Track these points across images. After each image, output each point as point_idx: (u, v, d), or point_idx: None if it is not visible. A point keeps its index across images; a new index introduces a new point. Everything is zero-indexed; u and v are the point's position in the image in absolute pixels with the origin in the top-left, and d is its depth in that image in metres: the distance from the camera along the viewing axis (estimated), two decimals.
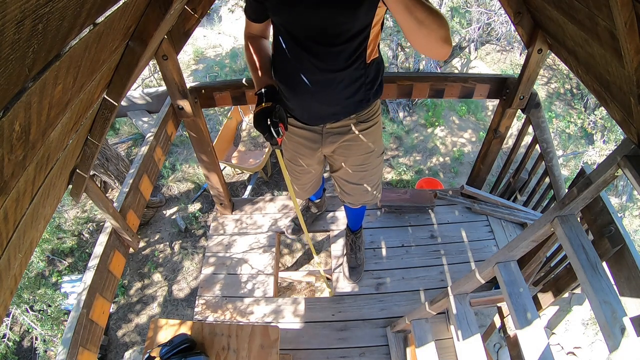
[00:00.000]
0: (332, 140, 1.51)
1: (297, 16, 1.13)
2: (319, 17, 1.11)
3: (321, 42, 1.17)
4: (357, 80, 1.29)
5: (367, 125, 1.48)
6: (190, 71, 5.62)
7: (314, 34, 1.16)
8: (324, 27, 1.14)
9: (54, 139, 0.85)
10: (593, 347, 3.17)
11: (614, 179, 0.96)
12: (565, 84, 5.52)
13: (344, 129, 1.47)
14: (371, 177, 1.69)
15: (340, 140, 1.51)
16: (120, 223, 1.50)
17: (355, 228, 2.29)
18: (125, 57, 1.13)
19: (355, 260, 2.34)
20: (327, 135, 1.49)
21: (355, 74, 1.26)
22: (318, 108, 1.37)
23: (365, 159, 1.59)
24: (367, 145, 1.53)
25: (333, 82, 1.26)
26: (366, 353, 2.10)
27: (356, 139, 1.50)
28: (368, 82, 1.32)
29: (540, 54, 1.74)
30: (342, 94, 1.31)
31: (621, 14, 0.70)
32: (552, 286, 1.60)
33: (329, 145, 1.53)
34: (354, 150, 1.55)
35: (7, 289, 0.83)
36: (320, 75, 1.24)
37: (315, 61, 1.20)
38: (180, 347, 1.52)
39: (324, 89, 1.28)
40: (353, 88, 1.30)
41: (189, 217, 3.77)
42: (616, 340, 0.88)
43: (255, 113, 1.22)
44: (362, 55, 1.23)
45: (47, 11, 0.51)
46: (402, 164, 4.23)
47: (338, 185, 1.79)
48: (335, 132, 1.48)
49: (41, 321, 2.58)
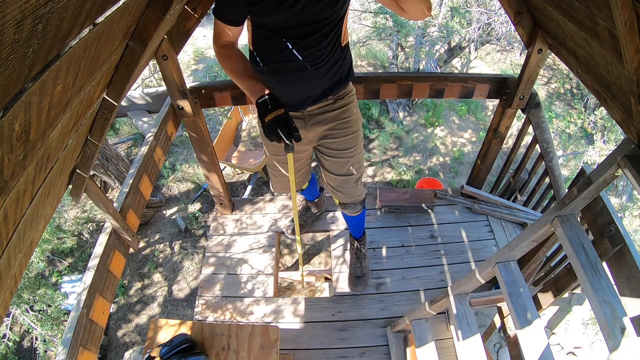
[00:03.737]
0: (315, 122, 1.53)
1: (286, 16, 1.19)
2: (304, 14, 1.19)
3: (309, 33, 1.24)
4: (336, 63, 1.38)
5: (345, 102, 1.53)
6: (190, 71, 5.62)
7: (301, 27, 1.23)
8: (313, 20, 1.22)
9: (54, 139, 0.85)
10: (593, 347, 3.17)
11: (614, 179, 0.96)
12: (565, 84, 5.52)
13: (324, 109, 1.51)
14: (358, 165, 1.71)
15: (324, 123, 1.54)
16: (120, 223, 1.50)
17: (359, 235, 2.24)
18: (125, 57, 1.13)
19: (360, 270, 2.28)
20: (309, 118, 1.52)
21: (334, 56, 1.35)
22: (299, 93, 1.41)
23: (351, 141, 1.61)
24: (350, 122, 1.57)
25: (317, 68, 1.32)
26: (366, 353, 2.10)
27: (338, 117, 1.54)
28: (345, 64, 1.43)
29: (540, 54, 1.74)
30: (324, 78, 1.38)
31: (621, 14, 0.70)
32: (552, 286, 1.61)
33: (312, 129, 1.55)
34: (340, 131, 1.58)
35: (7, 289, 0.83)
36: (309, 61, 1.30)
37: (302, 50, 1.26)
38: (180, 347, 1.52)
39: (309, 75, 1.34)
40: (333, 71, 1.39)
41: (189, 217, 3.77)
42: (616, 340, 0.88)
43: (268, 121, 1.19)
44: (339, 38, 1.33)
45: (47, 11, 0.51)
46: (402, 164, 4.23)
47: (329, 183, 1.80)
48: (316, 113, 1.52)
49: (41, 321, 2.58)
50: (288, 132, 1.19)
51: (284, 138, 1.19)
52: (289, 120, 1.20)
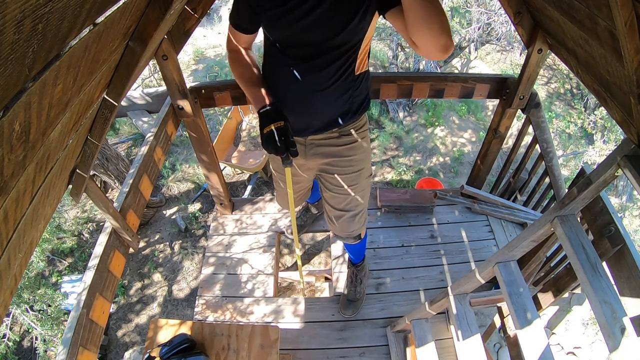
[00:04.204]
0: (315, 153, 1.43)
1: (291, 31, 1.12)
2: (313, 32, 1.11)
3: (312, 55, 1.15)
4: (345, 93, 1.26)
5: (351, 139, 1.40)
6: (190, 71, 5.62)
7: (305, 47, 1.15)
8: (317, 41, 1.13)
9: (54, 139, 0.85)
10: (593, 347, 3.17)
11: (614, 179, 0.96)
12: (565, 84, 5.52)
13: (327, 142, 1.40)
14: (358, 202, 1.60)
15: (323, 156, 1.44)
16: (120, 223, 1.50)
17: (356, 261, 2.15)
18: (125, 57, 1.13)
19: (354, 294, 2.20)
20: (310, 147, 1.42)
21: (343, 85, 1.23)
22: (300, 119, 1.30)
23: (353, 179, 1.50)
24: (352, 163, 1.46)
25: (321, 94, 1.23)
26: (366, 353, 2.10)
27: (339, 154, 1.43)
28: (356, 95, 1.29)
29: (540, 54, 1.74)
30: (328, 106, 1.27)
31: (621, 14, 0.70)
32: (552, 286, 1.61)
33: (312, 159, 1.46)
34: (340, 169, 1.48)
35: (7, 288, 0.83)
36: (309, 86, 1.21)
37: (303, 73, 1.18)
38: (180, 347, 1.52)
39: (311, 100, 1.24)
40: (340, 101, 1.27)
41: (189, 217, 3.77)
42: (616, 340, 0.88)
43: (266, 133, 1.14)
44: (351, 66, 1.21)
45: (47, 11, 0.51)
46: (402, 164, 4.23)
47: (326, 211, 1.71)
48: (318, 144, 1.41)
49: (41, 321, 2.58)
50: (285, 146, 1.13)
51: (279, 151, 1.14)
52: (287, 133, 1.14)
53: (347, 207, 1.60)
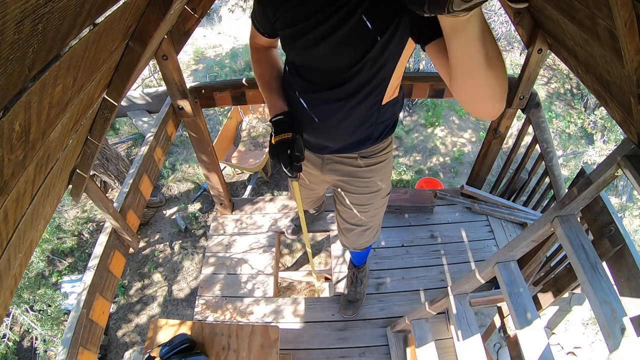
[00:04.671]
0: (332, 169, 1.37)
1: (309, 54, 1.02)
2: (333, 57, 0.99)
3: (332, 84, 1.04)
4: (366, 121, 1.15)
5: (372, 162, 1.32)
6: (190, 71, 5.62)
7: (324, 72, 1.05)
8: (337, 67, 1.01)
9: (54, 139, 0.85)
10: (593, 347, 3.17)
11: (614, 179, 0.96)
12: (565, 84, 5.51)
13: (345, 160, 1.33)
14: (371, 219, 1.54)
15: (340, 174, 1.37)
16: (120, 223, 1.50)
17: (358, 264, 2.16)
18: (125, 57, 1.12)
19: (354, 294, 2.21)
20: (328, 162, 1.36)
21: (366, 114, 1.13)
22: (318, 139, 1.24)
23: (368, 199, 1.44)
24: (370, 184, 1.38)
25: (338, 123, 1.13)
26: (366, 353, 2.10)
27: (357, 174, 1.35)
28: (379, 123, 1.18)
29: (540, 54, 1.74)
30: (346, 133, 1.18)
31: (621, 14, 0.70)
32: (552, 286, 1.60)
33: (329, 174, 1.40)
34: (356, 188, 1.40)
35: (7, 288, 0.83)
36: (325, 114, 1.12)
37: (319, 101, 1.10)
38: (180, 347, 1.52)
39: (327, 128, 1.16)
40: (361, 129, 1.17)
41: (189, 217, 3.77)
42: (616, 340, 0.88)
43: (274, 143, 1.09)
44: (379, 95, 1.08)
45: (47, 11, 0.51)
46: (402, 164, 4.23)
47: (337, 220, 1.68)
48: (336, 161, 1.34)
49: (41, 321, 2.58)
50: (289, 160, 1.07)
51: (283, 164, 1.08)
52: (294, 147, 1.07)
53: (359, 222, 1.55)
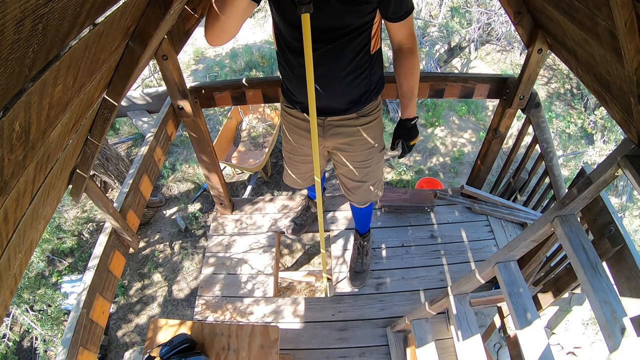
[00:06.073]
0: (333, 133, 1.50)
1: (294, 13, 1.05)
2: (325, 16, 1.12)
3: (327, 39, 1.17)
4: (362, 72, 1.29)
5: (368, 119, 1.48)
6: (190, 71, 5.62)
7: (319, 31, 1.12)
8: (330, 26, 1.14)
9: (54, 139, 0.85)
10: (593, 347, 3.17)
11: (614, 179, 0.96)
12: (565, 84, 5.51)
13: (345, 122, 1.47)
14: (374, 174, 1.69)
15: (342, 136, 1.51)
16: (120, 223, 1.50)
17: (364, 230, 2.26)
18: (125, 57, 1.12)
19: (361, 265, 2.30)
20: (329, 128, 1.49)
21: (360, 64, 1.26)
22: (322, 100, 1.33)
23: (367, 155, 1.59)
24: (368, 140, 1.54)
25: (339, 75, 1.26)
26: (366, 353, 2.10)
27: (357, 133, 1.50)
28: (372, 73, 1.33)
29: (540, 54, 1.74)
30: (347, 87, 1.31)
31: (621, 14, 0.70)
32: (552, 286, 1.61)
33: (330, 139, 1.53)
34: (357, 147, 1.55)
35: (7, 288, 0.83)
36: (327, 72, 1.24)
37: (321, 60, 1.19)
38: (180, 347, 1.52)
39: (330, 81, 1.28)
40: (358, 80, 1.30)
41: (189, 217, 3.77)
42: (616, 340, 0.88)
43: None
44: (366, 45, 1.23)
45: (47, 11, 0.51)
46: (402, 164, 4.23)
47: (342, 183, 1.80)
48: (336, 125, 1.48)
49: (41, 321, 2.58)
50: None
51: None
52: None
53: (365, 178, 1.69)
